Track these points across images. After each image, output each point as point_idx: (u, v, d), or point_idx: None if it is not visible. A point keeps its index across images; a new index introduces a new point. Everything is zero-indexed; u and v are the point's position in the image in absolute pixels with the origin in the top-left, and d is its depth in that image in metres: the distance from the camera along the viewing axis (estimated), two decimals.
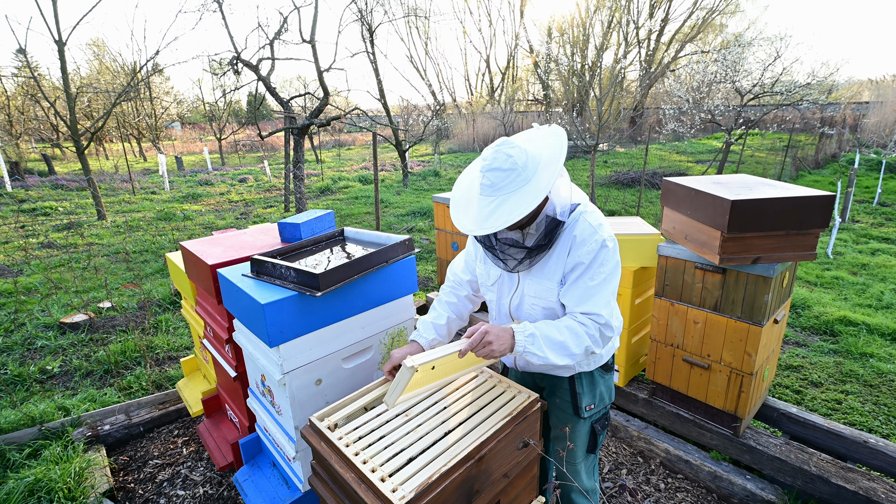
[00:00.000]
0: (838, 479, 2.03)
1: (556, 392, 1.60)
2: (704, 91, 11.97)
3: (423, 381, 1.35)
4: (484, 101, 27.04)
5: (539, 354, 1.28)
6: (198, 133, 29.49)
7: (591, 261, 1.33)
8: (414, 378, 1.26)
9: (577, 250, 1.35)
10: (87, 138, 8.76)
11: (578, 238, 1.34)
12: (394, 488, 1.10)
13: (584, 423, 1.59)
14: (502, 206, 1.27)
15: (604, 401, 1.61)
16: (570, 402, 1.57)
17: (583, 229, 1.35)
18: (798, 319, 4.06)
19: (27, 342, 3.90)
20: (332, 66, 8.57)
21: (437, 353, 1.26)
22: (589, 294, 1.35)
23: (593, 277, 1.34)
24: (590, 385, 1.56)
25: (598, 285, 1.34)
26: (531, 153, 1.30)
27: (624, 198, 9.37)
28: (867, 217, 7.75)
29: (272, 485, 1.95)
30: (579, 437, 1.61)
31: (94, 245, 6.99)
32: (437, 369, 1.34)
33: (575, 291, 1.36)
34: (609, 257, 1.35)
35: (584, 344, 1.32)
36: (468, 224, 1.34)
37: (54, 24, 8.06)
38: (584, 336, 1.32)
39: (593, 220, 1.36)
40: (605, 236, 1.34)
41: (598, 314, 1.34)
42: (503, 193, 1.28)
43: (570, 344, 1.30)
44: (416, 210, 8.84)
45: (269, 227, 2.51)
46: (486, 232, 1.28)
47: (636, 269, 2.59)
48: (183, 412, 2.94)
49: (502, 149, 1.27)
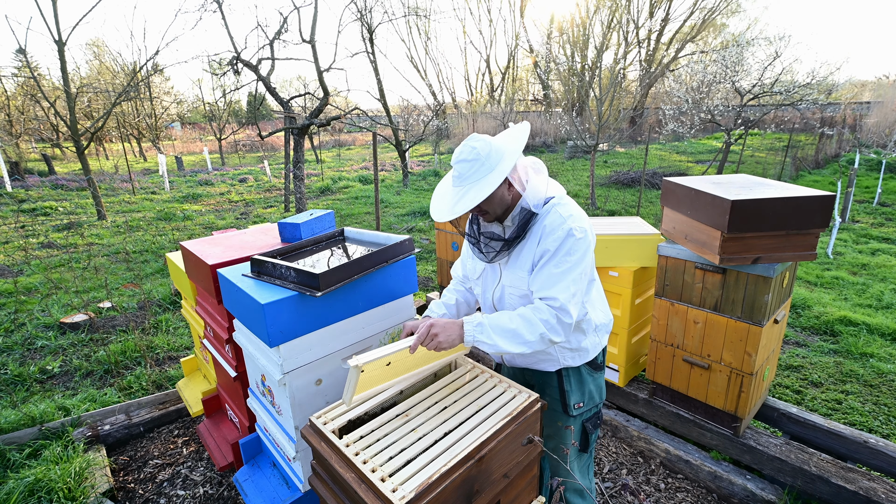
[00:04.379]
0: (838, 479, 2.03)
1: (546, 390, 1.62)
2: (704, 91, 11.97)
3: (383, 377, 1.39)
4: (484, 100, 27.05)
5: (488, 343, 1.34)
6: (198, 133, 29.49)
7: (556, 248, 1.38)
8: (371, 375, 1.31)
9: (545, 238, 1.41)
10: (87, 138, 8.76)
11: (548, 227, 1.41)
12: (394, 488, 1.10)
13: (573, 421, 1.61)
14: (469, 192, 1.38)
15: (594, 399, 1.63)
16: (560, 400, 1.59)
17: (552, 219, 1.41)
18: (798, 319, 4.06)
19: (27, 342, 3.90)
20: (332, 66, 8.57)
21: (384, 351, 1.31)
22: (552, 280, 1.38)
23: (558, 265, 1.38)
24: (578, 383, 1.58)
25: (562, 273, 1.38)
26: (495, 145, 1.40)
27: (624, 198, 9.36)
28: (867, 217, 7.75)
29: (272, 485, 1.95)
30: (569, 436, 1.62)
31: (94, 245, 7.00)
32: (396, 365, 1.39)
33: (539, 278, 1.41)
34: (576, 247, 1.38)
35: (537, 330, 1.35)
36: (438, 213, 1.45)
37: (54, 24, 8.07)
38: (537, 322, 1.35)
39: (564, 211, 1.42)
40: (574, 226, 1.39)
41: (555, 297, 1.36)
42: (470, 182, 1.39)
43: (522, 331, 1.35)
44: (416, 210, 8.84)
45: (269, 227, 2.51)
46: (454, 216, 1.38)
47: (636, 269, 2.59)
48: (183, 412, 2.94)
49: (468, 142, 1.39)
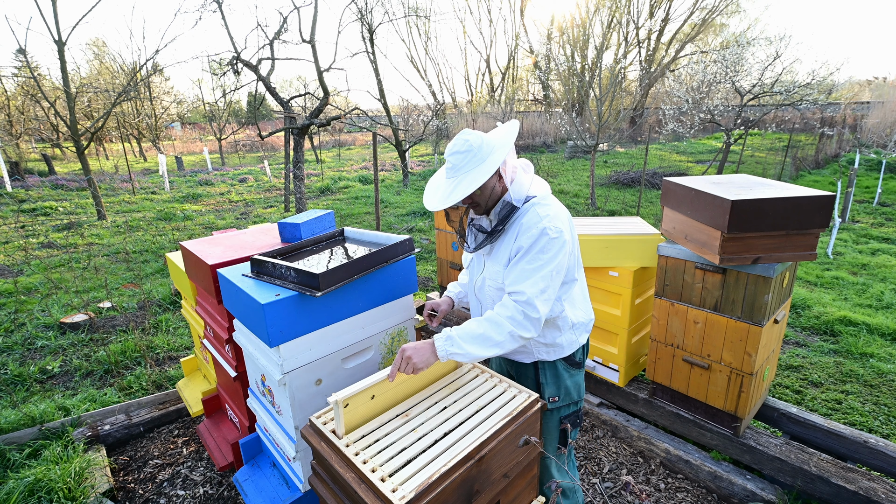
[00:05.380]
0: (838, 479, 2.03)
1: (521, 381, 1.68)
2: (704, 91, 11.96)
3: (379, 408, 1.42)
4: (484, 100, 27.04)
5: (461, 353, 1.38)
6: (198, 133, 29.48)
7: (529, 245, 1.43)
8: (359, 411, 1.34)
9: (521, 236, 1.46)
10: (87, 138, 8.76)
11: (525, 225, 1.46)
12: (394, 488, 1.10)
13: (549, 415, 1.65)
14: (461, 183, 1.43)
15: (570, 396, 1.66)
16: (535, 392, 1.61)
17: (530, 217, 1.46)
18: (798, 319, 4.06)
19: (27, 342, 3.90)
20: (332, 66, 8.56)
21: (365, 384, 1.34)
22: (523, 276, 1.42)
23: (530, 262, 1.43)
24: (553, 377, 1.62)
25: (534, 269, 1.42)
26: (487, 139, 1.45)
27: (624, 198, 9.36)
28: (867, 217, 7.75)
29: (272, 485, 1.95)
30: (546, 430, 1.66)
31: (94, 245, 6.99)
32: (390, 395, 1.43)
33: (512, 273, 1.46)
34: (549, 246, 1.42)
35: (505, 329, 1.39)
36: (430, 202, 1.50)
37: (54, 24, 8.06)
38: (502, 321, 1.40)
39: (542, 210, 1.46)
40: (549, 226, 1.42)
41: (522, 292, 1.40)
42: (462, 173, 1.44)
43: (490, 333, 1.39)
44: (416, 210, 8.84)
45: (269, 227, 2.51)
46: (446, 205, 1.42)
47: (636, 269, 2.59)
48: (183, 412, 2.94)
49: (461, 136, 1.45)
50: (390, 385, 1.42)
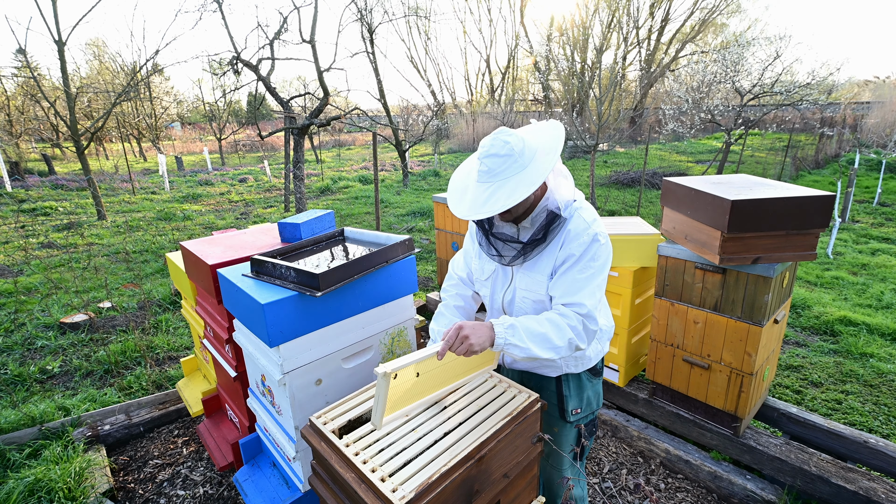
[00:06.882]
0: (838, 480, 2.03)
1: (543, 394, 1.57)
2: (704, 91, 11.97)
3: (413, 394, 1.30)
4: (484, 100, 27.05)
5: (521, 346, 1.26)
6: (198, 133, 29.48)
7: (581, 253, 1.34)
8: (400, 390, 1.20)
9: (569, 244, 1.35)
10: (87, 138, 8.76)
11: (572, 232, 1.35)
12: (394, 488, 1.10)
13: (570, 427, 1.57)
14: (498, 191, 1.28)
15: (591, 406, 1.59)
16: (557, 405, 1.56)
17: (577, 224, 1.36)
18: (798, 319, 4.06)
19: (27, 342, 3.90)
20: (332, 66, 8.56)
21: (413, 357, 1.21)
22: (576, 286, 1.34)
23: (582, 270, 1.34)
24: (577, 388, 1.55)
25: (587, 278, 1.34)
26: (528, 142, 1.32)
27: (624, 198, 9.36)
28: (867, 217, 7.75)
29: (272, 485, 1.95)
30: (566, 441, 1.58)
31: (94, 245, 6.99)
32: (427, 378, 1.30)
33: (563, 283, 1.36)
34: (600, 252, 1.35)
35: (566, 336, 1.29)
36: (463, 209, 1.34)
37: (54, 24, 8.06)
38: (565, 328, 1.30)
39: (587, 215, 1.38)
40: (598, 231, 1.36)
41: (581, 304, 1.32)
42: (500, 179, 1.29)
43: (551, 335, 1.28)
44: (416, 210, 8.84)
45: (269, 227, 2.51)
46: (482, 216, 1.27)
47: (636, 269, 2.59)
48: (183, 412, 2.94)
49: (499, 136, 1.29)
50: (434, 365, 1.29)
